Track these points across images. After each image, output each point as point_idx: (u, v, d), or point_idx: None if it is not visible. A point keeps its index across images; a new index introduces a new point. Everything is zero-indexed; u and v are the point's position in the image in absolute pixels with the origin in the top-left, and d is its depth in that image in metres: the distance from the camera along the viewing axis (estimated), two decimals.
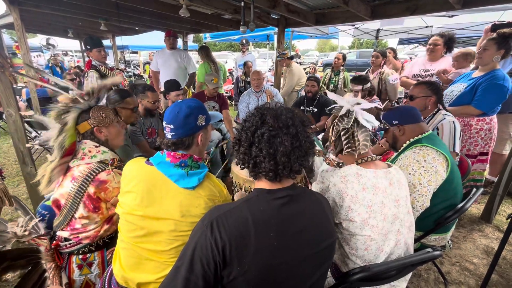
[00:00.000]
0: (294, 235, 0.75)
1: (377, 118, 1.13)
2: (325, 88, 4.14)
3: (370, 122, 1.05)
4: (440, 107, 1.84)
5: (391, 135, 1.51)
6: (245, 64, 5.05)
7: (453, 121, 1.75)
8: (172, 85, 2.65)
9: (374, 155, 1.07)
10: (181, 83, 3.43)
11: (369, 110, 1.10)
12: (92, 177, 1.12)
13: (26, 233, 1.14)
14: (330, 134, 1.15)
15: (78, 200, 1.11)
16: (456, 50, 2.79)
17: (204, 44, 5.27)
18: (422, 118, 1.49)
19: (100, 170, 1.14)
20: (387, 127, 1.50)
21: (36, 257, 1.19)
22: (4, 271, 1.13)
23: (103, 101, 1.60)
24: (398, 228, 1.03)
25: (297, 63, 7.17)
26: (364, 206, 0.97)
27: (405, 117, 1.44)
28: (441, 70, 2.70)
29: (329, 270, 1.19)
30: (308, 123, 0.83)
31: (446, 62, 2.78)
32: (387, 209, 1.00)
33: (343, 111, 1.09)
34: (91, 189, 1.11)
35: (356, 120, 1.06)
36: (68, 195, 1.12)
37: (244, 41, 5.55)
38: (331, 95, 1.24)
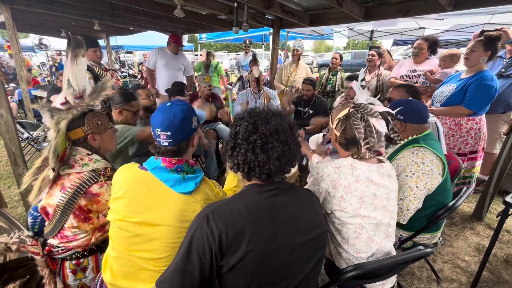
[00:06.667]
0: (286, 222, 0.79)
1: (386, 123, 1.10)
2: (323, 88, 4.15)
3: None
4: None
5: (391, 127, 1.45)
6: (251, 62, 4.81)
7: (435, 122, 1.77)
8: (179, 90, 2.65)
9: (369, 154, 1.09)
10: None
11: (381, 114, 1.08)
12: (84, 189, 1.07)
13: (15, 245, 1.12)
14: (335, 125, 1.13)
15: (68, 212, 1.08)
16: (443, 51, 2.86)
17: (210, 50, 5.40)
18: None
19: (93, 181, 1.09)
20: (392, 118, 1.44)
21: (33, 265, 1.16)
22: (6, 282, 1.10)
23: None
24: (389, 221, 1.06)
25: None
26: (356, 197, 1.00)
27: (411, 116, 1.39)
28: (428, 70, 2.76)
29: (323, 267, 1.20)
30: (294, 126, 0.89)
31: (431, 63, 2.86)
32: (378, 200, 1.03)
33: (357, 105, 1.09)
34: (82, 202, 1.08)
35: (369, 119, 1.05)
36: (57, 206, 1.07)
37: (247, 41, 5.53)
38: (355, 87, 1.22)
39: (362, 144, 1.04)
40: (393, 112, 1.40)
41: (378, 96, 3.15)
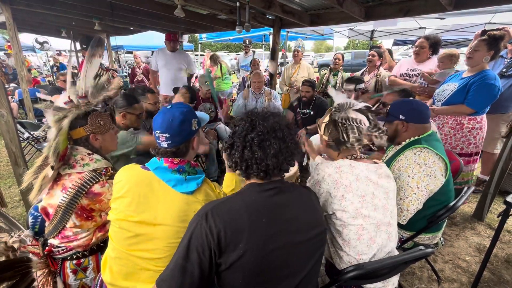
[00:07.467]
0: (285, 221, 0.80)
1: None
2: (323, 87, 4.14)
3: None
4: None
5: (394, 128, 1.44)
6: (252, 62, 4.93)
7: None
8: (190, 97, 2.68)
9: (363, 154, 1.11)
10: (182, 84, 3.48)
11: (359, 110, 1.11)
12: (85, 189, 1.08)
13: (16, 244, 1.11)
14: (323, 130, 1.16)
15: (70, 212, 1.07)
16: (442, 51, 2.85)
17: (213, 53, 5.42)
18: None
19: (94, 181, 1.09)
20: (392, 119, 1.43)
21: (25, 267, 1.14)
22: None
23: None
24: (389, 220, 1.06)
25: (286, 63, 7.17)
26: (357, 195, 1.01)
27: (413, 115, 1.38)
28: (426, 71, 2.75)
29: (323, 268, 1.20)
30: (292, 126, 0.91)
31: (432, 63, 2.84)
32: (377, 200, 1.03)
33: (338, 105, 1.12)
34: (84, 201, 1.08)
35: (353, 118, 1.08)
36: (58, 206, 1.07)
37: (247, 41, 5.51)
38: (331, 91, 1.26)
39: (348, 140, 1.06)
40: (395, 114, 1.42)
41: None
